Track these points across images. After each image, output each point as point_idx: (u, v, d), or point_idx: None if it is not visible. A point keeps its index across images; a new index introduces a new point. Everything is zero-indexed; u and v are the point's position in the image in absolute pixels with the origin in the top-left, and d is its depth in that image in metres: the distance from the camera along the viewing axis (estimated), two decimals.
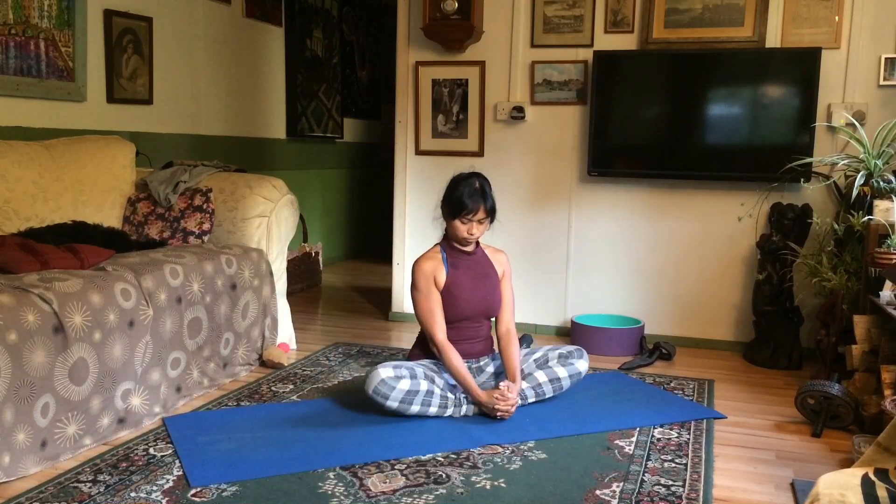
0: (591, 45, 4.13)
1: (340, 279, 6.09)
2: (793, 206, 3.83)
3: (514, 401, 2.89)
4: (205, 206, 3.70)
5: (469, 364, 3.04)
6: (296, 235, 4.12)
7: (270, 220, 3.75)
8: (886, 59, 3.75)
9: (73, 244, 2.99)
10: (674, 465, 2.54)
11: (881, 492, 1.54)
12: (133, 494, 2.25)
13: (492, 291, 3.09)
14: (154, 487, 2.30)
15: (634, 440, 2.75)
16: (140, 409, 2.83)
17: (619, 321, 4.18)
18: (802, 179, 3.74)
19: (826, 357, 3.38)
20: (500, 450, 2.63)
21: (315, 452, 2.56)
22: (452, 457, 2.56)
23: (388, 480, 2.37)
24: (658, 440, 2.76)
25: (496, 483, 2.37)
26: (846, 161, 3.61)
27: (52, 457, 2.47)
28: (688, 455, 2.63)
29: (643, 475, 2.45)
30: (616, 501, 2.27)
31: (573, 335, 4.11)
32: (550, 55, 4.23)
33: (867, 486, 1.55)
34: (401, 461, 2.51)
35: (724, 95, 4.03)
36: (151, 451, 2.58)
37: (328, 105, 6.48)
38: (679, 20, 4.01)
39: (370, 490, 2.30)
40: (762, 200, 3.92)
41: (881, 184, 3.40)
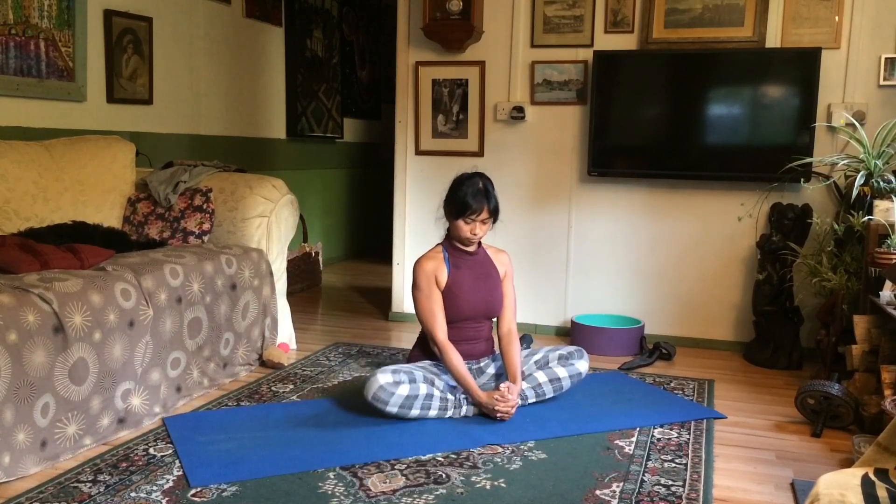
0: (591, 45, 4.13)
1: (340, 279, 6.09)
2: (793, 206, 3.83)
3: (515, 402, 2.89)
4: (205, 206, 3.70)
5: (470, 365, 3.03)
6: (296, 235, 4.12)
7: (270, 220, 3.75)
8: (886, 59, 3.75)
9: (73, 244, 2.98)
10: (674, 465, 2.54)
11: (881, 492, 1.54)
12: (133, 494, 2.25)
13: (493, 292, 3.08)
14: (154, 487, 2.30)
15: (634, 440, 2.75)
16: (140, 409, 2.83)
17: (619, 321, 4.18)
18: (802, 179, 3.74)
19: (826, 357, 3.38)
20: (500, 450, 2.63)
21: (315, 452, 2.56)
22: (452, 457, 2.56)
23: (388, 480, 2.37)
24: (658, 440, 2.76)
25: (496, 483, 2.37)
26: (846, 161, 3.61)
27: (52, 457, 2.47)
28: (688, 455, 2.63)
29: (643, 475, 2.45)
30: (616, 501, 2.27)
31: (573, 335, 4.11)
32: (550, 55, 4.23)
33: (867, 486, 1.55)
34: (401, 461, 2.51)
35: (724, 95, 4.03)
36: (151, 451, 2.58)
37: (328, 105, 6.48)
38: (679, 20, 4.01)
39: (370, 490, 2.30)
40: (762, 200, 3.92)
41: (881, 184, 3.40)
